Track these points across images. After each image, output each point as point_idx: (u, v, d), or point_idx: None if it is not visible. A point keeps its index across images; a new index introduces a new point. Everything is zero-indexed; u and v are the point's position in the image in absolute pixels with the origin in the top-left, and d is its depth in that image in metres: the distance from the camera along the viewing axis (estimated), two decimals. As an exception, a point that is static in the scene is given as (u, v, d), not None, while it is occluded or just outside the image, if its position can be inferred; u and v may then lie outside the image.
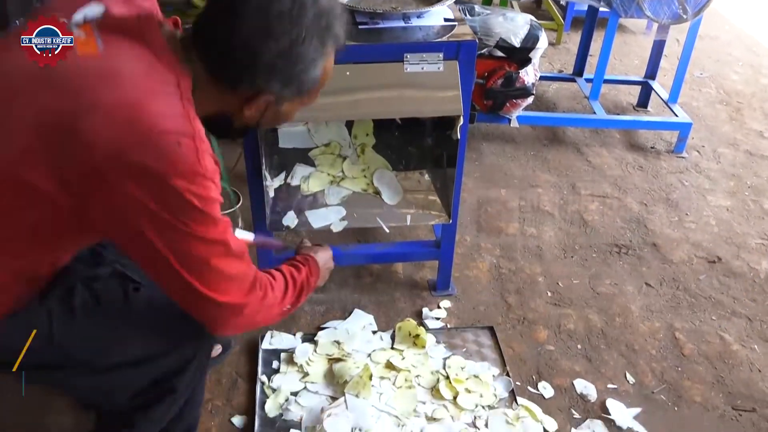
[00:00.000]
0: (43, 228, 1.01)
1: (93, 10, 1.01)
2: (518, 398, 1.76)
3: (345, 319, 2.00)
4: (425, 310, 2.05)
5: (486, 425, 1.68)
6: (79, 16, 1.01)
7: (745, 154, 3.10)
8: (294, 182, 1.87)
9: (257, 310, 1.15)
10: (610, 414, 1.73)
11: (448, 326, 2.00)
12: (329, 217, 1.83)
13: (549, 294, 2.17)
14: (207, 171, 0.97)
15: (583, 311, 2.10)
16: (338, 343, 1.88)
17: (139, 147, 0.92)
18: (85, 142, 0.92)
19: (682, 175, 2.91)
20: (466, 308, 2.09)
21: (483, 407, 1.73)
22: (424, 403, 1.73)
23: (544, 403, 1.77)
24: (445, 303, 2.09)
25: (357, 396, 1.70)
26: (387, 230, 1.86)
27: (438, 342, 1.92)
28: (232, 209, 2.33)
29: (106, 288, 1.19)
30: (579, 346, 1.97)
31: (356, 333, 1.92)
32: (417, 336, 1.90)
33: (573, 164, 2.95)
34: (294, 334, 1.93)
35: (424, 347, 1.88)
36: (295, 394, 1.74)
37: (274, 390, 1.75)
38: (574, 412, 1.75)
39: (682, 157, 3.03)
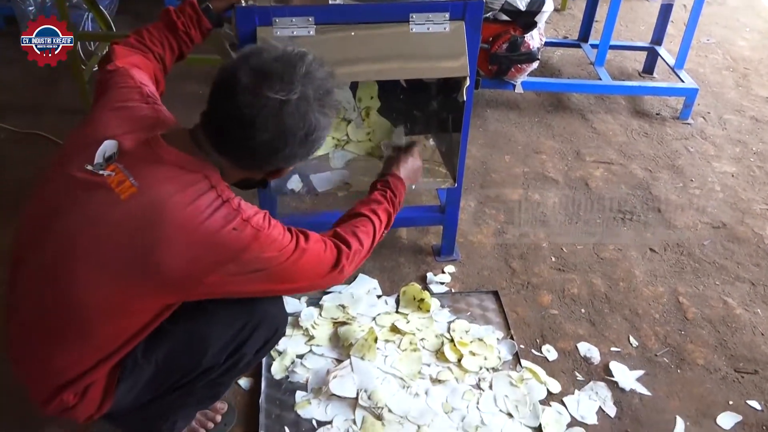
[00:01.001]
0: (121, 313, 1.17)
1: (109, 148, 1.13)
2: (522, 361, 1.77)
3: (349, 284, 2.00)
4: (429, 275, 2.06)
5: (490, 387, 1.69)
6: (99, 157, 1.12)
7: (751, 121, 3.07)
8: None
9: (353, 259, 1.35)
10: (613, 376, 1.75)
11: (453, 291, 2.01)
12: (334, 181, 1.82)
13: (553, 259, 2.17)
14: (258, 223, 1.14)
15: (587, 276, 2.10)
16: (343, 307, 1.89)
17: (211, 254, 1.10)
18: (164, 271, 1.09)
19: (687, 141, 2.88)
20: (470, 273, 2.09)
21: (487, 369, 1.74)
22: (428, 365, 1.74)
23: (547, 365, 1.78)
24: (450, 268, 2.09)
25: (362, 358, 1.71)
26: (392, 194, 1.84)
27: (442, 306, 1.93)
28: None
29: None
30: (583, 311, 1.97)
31: (361, 297, 1.93)
32: (421, 300, 1.90)
33: (578, 131, 2.92)
34: (299, 299, 1.93)
35: (428, 311, 1.89)
36: (300, 356, 1.75)
37: (280, 353, 1.76)
38: (577, 374, 1.76)
39: (688, 124, 3.00)
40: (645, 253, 2.22)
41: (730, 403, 1.70)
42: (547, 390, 1.70)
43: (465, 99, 1.68)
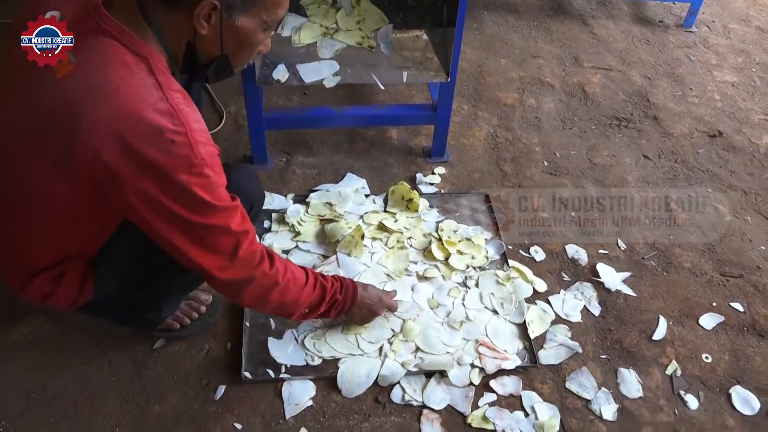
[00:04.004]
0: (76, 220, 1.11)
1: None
2: (509, 261, 1.75)
3: (337, 182, 1.96)
4: (419, 176, 2.01)
5: (476, 284, 1.68)
6: None
7: (756, 30, 2.96)
8: (285, 33, 1.75)
9: (268, 281, 1.19)
10: (599, 277, 1.74)
11: (442, 192, 1.97)
12: (321, 72, 1.73)
13: (545, 163, 2.12)
14: (204, 160, 1.01)
15: (579, 181, 2.07)
16: (330, 204, 1.85)
17: (145, 144, 0.97)
18: (83, 163, 0.99)
19: (689, 49, 2.78)
20: (460, 175, 2.04)
21: (474, 268, 1.72)
22: (415, 263, 1.72)
23: (535, 265, 1.77)
24: (440, 169, 2.05)
25: (349, 255, 1.69)
26: (382, 87, 1.77)
27: (431, 206, 1.90)
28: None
29: None
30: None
31: (348, 195, 1.88)
32: (410, 200, 1.86)
33: (577, 36, 2.80)
34: (285, 196, 1.89)
35: (417, 211, 1.85)
36: (286, 252, 1.73)
37: (265, 248, 1.73)
38: (564, 274, 1.76)
39: (691, 32, 2.89)
40: (639, 159, 2.18)
41: (714, 304, 1.71)
42: (534, 289, 1.69)
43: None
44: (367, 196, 1.92)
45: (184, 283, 1.41)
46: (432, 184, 1.99)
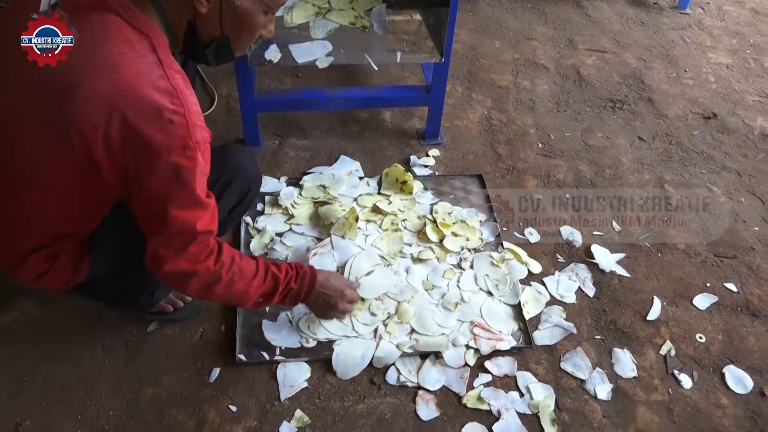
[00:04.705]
0: (71, 198, 1.10)
1: None
2: (504, 242, 1.75)
3: (331, 165, 1.95)
4: (413, 158, 2.00)
5: (471, 266, 1.68)
6: (45, 4, 1.00)
7: (750, 12, 2.95)
8: (276, 13, 1.72)
9: (210, 277, 1.15)
10: (594, 258, 1.74)
11: (437, 174, 1.96)
12: (314, 52, 1.71)
13: (540, 145, 2.12)
14: (199, 144, 1.00)
15: (574, 162, 2.06)
16: (324, 187, 1.83)
17: (143, 121, 0.95)
18: (85, 126, 0.96)
19: (683, 31, 2.77)
20: (455, 157, 2.03)
21: (469, 250, 1.72)
22: (410, 245, 1.72)
23: (529, 247, 1.76)
24: (434, 151, 2.04)
25: (343, 237, 1.68)
26: (375, 67, 1.74)
27: (425, 188, 1.89)
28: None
29: None
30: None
31: (342, 178, 1.87)
32: (404, 182, 1.85)
33: (571, 18, 2.78)
34: (278, 178, 1.87)
35: (411, 193, 1.84)
36: (280, 234, 1.71)
37: (259, 231, 1.72)
38: (558, 256, 1.75)
39: (686, 14, 2.88)
40: (633, 141, 2.17)
41: (708, 285, 1.71)
42: (528, 270, 1.69)
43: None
44: (361, 178, 1.90)
45: None
46: (426, 166, 1.98)
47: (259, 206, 1.78)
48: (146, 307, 1.45)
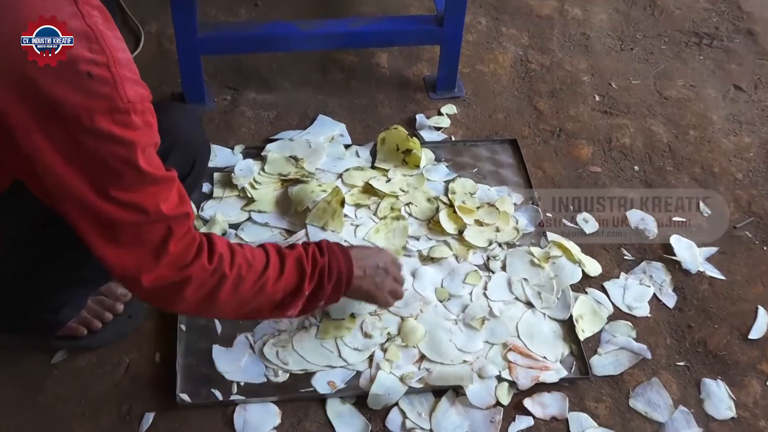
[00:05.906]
0: None
1: None
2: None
3: (305, 128, 1.96)
4: (420, 118, 2.02)
5: (503, 267, 1.69)
6: None
7: None
8: None
9: (212, 278, 1.16)
10: (674, 255, 1.75)
11: (453, 139, 1.98)
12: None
13: (597, 98, 2.14)
14: (133, 104, 1.00)
15: (645, 121, 2.09)
16: (296, 159, 1.85)
17: (50, 77, 0.95)
18: None
19: (796, -63, 2.78)
20: (478, 116, 2.06)
21: (500, 245, 1.74)
22: (417, 239, 1.73)
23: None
24: (449, 108, 2.06)
25: (323, 228, 1.69)
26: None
27: (438, 160, 1.91)
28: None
29: None
30: (636, 168, 1.97)
31: (321, 147, 1.89)
32: (408, 151, 1.87)
33: None
34: (232, 148, 1.89)
35: (418, 166, 1.86)
36: (235, 226, 1.73)
37: (206, 221, 1.73)
38: (625, 251, 1.77)
39: None
40: (728, 91, 2.20)
41: (833, 290, 1.73)
42: (583, 272, 1.71)
43: None
44: (347, 146, 1.92)
45: (92, 271, 1.39)
46: (439, 128, 2.00)
47: (206, 187, 1.80)
48: (51, 329, 1.46)
